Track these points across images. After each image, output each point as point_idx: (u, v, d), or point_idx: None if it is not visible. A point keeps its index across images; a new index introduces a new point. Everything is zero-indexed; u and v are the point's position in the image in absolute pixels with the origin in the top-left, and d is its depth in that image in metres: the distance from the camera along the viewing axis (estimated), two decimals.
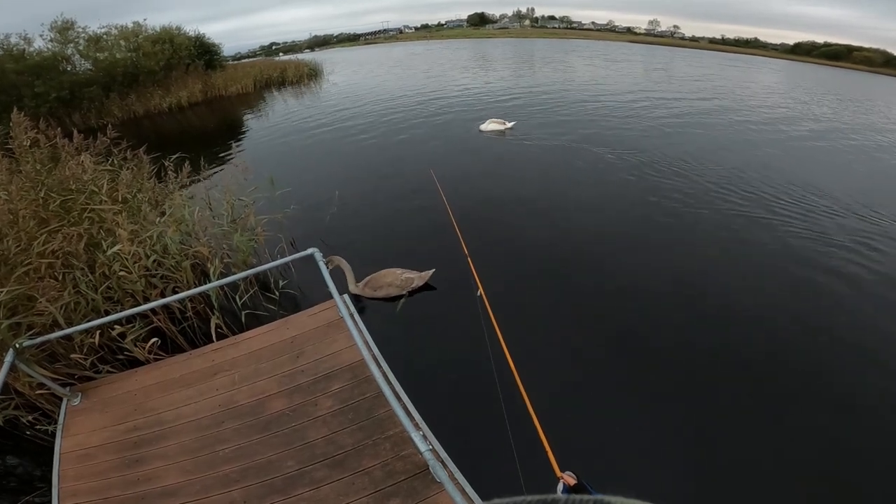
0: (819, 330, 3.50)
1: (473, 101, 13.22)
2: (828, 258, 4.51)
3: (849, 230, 5.10)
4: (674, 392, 2.92)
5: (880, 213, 5.60)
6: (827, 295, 3.96)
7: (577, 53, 32.90)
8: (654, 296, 3.91)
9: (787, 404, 2.84)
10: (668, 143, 8.38)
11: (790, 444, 2.57)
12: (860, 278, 4.19)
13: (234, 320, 3.56)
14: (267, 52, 58.94)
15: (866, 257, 4.54)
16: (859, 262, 4.45)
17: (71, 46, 15.80)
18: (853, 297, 3.93)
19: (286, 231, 4.83)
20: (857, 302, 3.86)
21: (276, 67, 22.83)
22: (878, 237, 4.96)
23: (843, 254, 4.59)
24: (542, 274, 4.34)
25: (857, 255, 4.57)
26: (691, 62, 30.12)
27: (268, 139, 10.62)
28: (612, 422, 2.71)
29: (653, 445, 2.55)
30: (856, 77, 32.23)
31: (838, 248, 4.70)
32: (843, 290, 4.02)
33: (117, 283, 3.55)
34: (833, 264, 4.40)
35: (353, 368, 2.51)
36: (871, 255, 4.58)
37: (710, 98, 14.08)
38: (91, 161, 4.94)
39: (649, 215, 5.47)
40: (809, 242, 4.82)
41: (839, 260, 4.48)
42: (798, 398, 2.90)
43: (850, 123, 11.55)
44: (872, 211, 5.64)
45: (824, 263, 4.42)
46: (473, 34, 70.96)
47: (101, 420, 2.53)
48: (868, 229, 5.15)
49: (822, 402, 2.87)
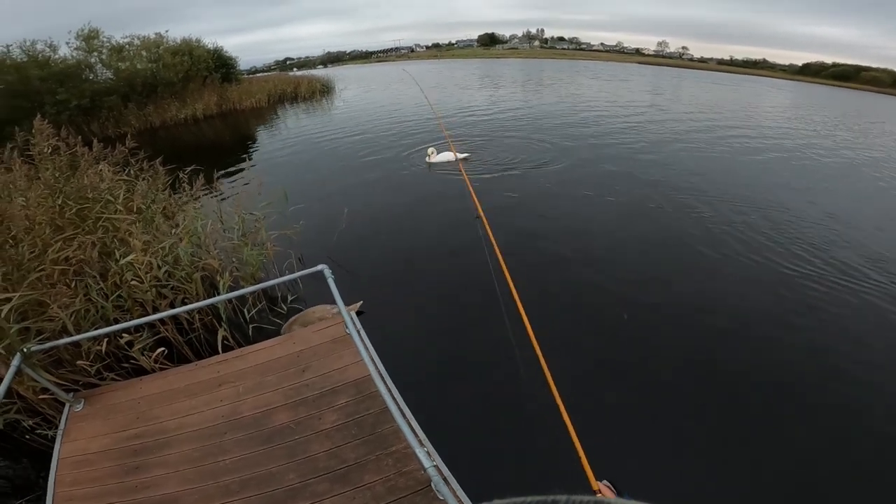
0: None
1: (486, 119, 13.64)
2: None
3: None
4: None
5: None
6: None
7: (583, 74, 34.16)
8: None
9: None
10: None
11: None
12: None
13: (241, 333, 3.74)
14: (281, 66, 61.69)
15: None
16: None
17: (95, 55, 16.80)
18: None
19: (295, 246, 5.05)
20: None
21: (290, 83, 23.88)
22: None
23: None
24: (573, 285, 4.62)
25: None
26: (701, 84, 30.83)
27: (279, 154, 11.09)
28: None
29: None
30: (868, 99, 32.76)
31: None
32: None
33: (128, 293, 3.76)
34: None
35: (359, 384, 2.64)
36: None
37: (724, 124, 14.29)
38: (110, 171, 5.26)
39: (680, 238, 5.62)
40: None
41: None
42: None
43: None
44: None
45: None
46: (483, 54, 73.85)
47: (102, 427, 2.67)
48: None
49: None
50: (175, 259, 4.10)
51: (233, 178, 8.68)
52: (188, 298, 4.02)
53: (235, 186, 7.77)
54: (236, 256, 4.56)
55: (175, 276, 4.04)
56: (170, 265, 4.01)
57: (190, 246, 4.24)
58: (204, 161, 6.66)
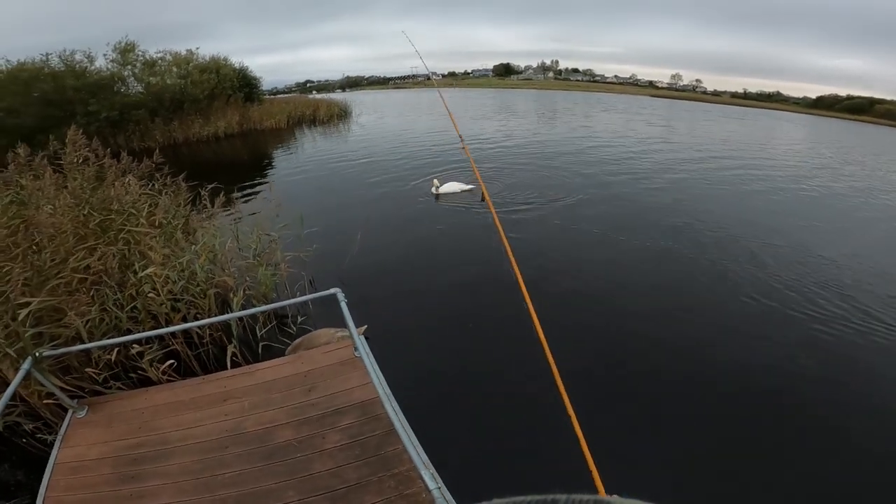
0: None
1: (499, 149, 13.97)
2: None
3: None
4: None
5: None
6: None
7: (597, 106, 35.12)
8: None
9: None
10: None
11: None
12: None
13: (250, 351, 3.83)
14: (302, 89, 63.73)
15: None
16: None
17: (129, 68, 17.56)
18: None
19: (308, 269, 5.18)
20: None
21: (309, 105, 24.62)
22: None
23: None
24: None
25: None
26: (713, 118, 31.34)
27: (296, 176, 11.44)
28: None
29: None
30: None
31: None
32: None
33: (143, 304, 3.89)
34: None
35: (364, 406, 2.70)
36: None
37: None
38: (136, 184, 5.50)
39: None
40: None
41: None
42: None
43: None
44: None
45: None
46: (498, 84, 75.98)
47: (103, 434, 2.72)
48: None
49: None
50: (191, 274, 4.24)
51: (250, 198, 8.96)
52: (200, 313, 4.14)
53: (252, 206, 8.01)
54: (250, 275, 4.69)
55: (190, 291, 4.17)
56: (186, 280, 4.15)
57: (207, 262, 4.39)
58: (224, 179, 6.92)
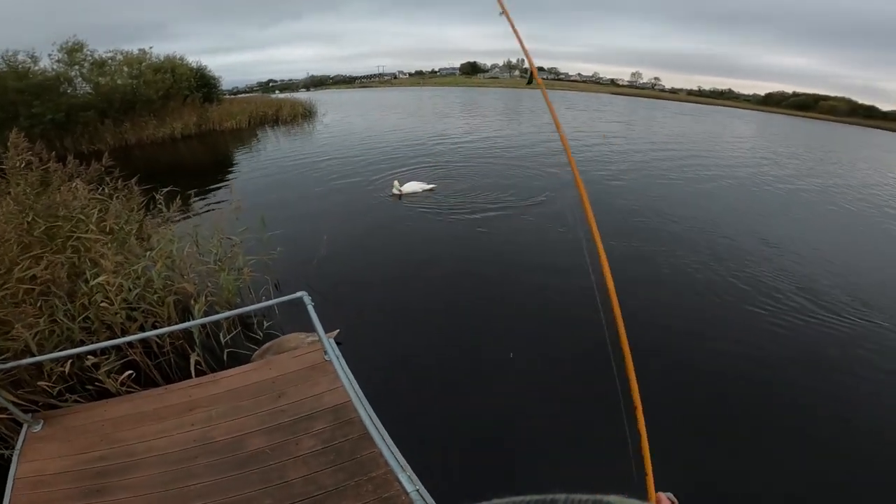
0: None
1: (463, 148, 14.14)
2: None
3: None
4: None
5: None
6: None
7: (560, 103, 35.85)
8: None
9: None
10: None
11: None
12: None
13: (215, 358, 3.74)
14: (264, 88, 61.98)
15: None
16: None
17: (76, 68, 16.71)
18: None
19: (272, 272, 5.09)
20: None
21: (272, 105, 24.09)
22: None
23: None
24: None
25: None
26: (672, 116, 32.77)
27: (258, 178, 11.18)
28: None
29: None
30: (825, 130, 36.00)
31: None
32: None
33: (96, 314, 3.73)
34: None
35: (337, 410, 2.70)
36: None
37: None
38: (84, 188, 5.24)
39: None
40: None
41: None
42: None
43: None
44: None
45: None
46: (465, 82, 76.62)
47: (62, 448, 2.64)
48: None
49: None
50: (147, 282, 4.10)
51: (210, 201, 8.69)
52: (159, 322, 4.01)
53: (213, 210, 7.79)
54: (212, 281, 4.57)
55: (147, 299, 4.03)
56: (141, 288, 4.01)
57: (164, 269, 4.25)
58: (181, 182, 6.70)
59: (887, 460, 3.20)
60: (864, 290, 5.66)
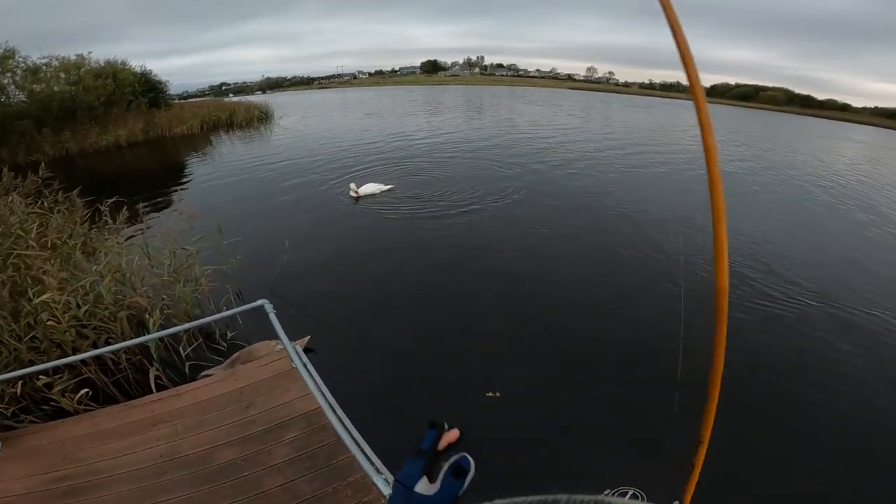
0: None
1: (433, 148, 14.21)
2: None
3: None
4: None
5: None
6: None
7: (520, 100, 36.99)
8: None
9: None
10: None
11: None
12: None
13: (177, 372, 3.63)
14: (217, 92, 59.49)
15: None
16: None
17: (8, 76, 15.78)
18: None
19: (232, 281, 4.97)
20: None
21: (226, 109, 23.40)
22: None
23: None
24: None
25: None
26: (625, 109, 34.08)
27: (213, 185, 10.83)
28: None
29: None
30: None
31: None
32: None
33: (44, 333, 3.54)
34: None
35: (309, 417, 2.71)
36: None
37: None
38: (21, 202, 4.95)
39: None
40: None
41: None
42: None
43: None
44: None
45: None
46: (426, 81, 76.71)
47: (25, 468, 2.55)
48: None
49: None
50: (97, 297, 3.94)
51: (161, 211, 8.34)
52: (113, 338, 3.86)
53: (164, 220, 7.46)
54: (167, 293, 4.43)
55: (97, 316, 3.88)
56: (90, 304, 3.85)
57: (113, 283, 4.09)
58: (128, 192, 6.43)
59: None
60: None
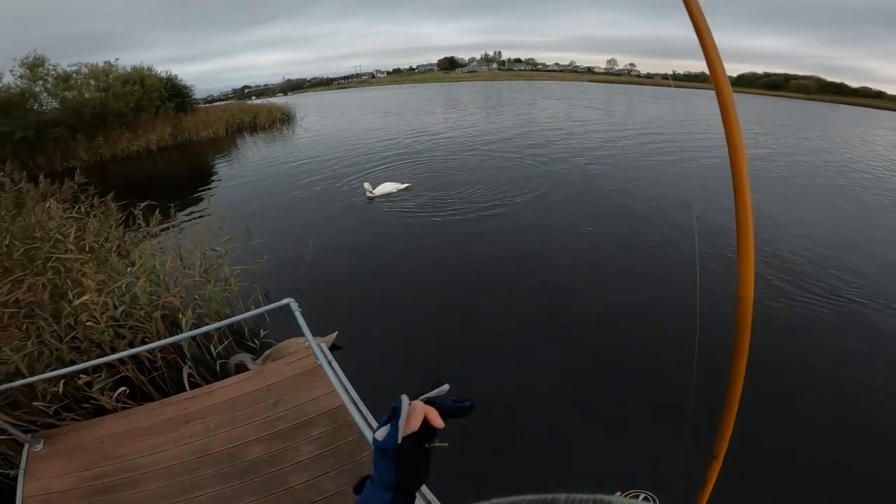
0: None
1: (451, 145, 14.19)
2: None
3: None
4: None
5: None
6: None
7: (539, 94, 36.09)
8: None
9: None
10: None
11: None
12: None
13: (208, 370, 3.75)
14: (240, 95, 61.04)
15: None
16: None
17: (39, 83, 16.39)
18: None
19: (260, 281, 5.09)
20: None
21: (249, 111, 23.89)
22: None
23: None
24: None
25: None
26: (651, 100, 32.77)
27: (239, 186, 11.11)
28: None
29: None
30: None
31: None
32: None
33: (84, 334, 3.71)
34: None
35: (334, 414, 2.75)
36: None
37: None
38: (58, 208, 5.18)
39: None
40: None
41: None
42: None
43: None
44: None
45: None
46: (444, 78, 76.31)
47: (65, 466, 2.67)
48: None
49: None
50: (133, 298, 4.09)
51: (191, 213, 8.62)
52: (148, 337, 4.00)
53: (194, 221, 7.73)
54: (198, 293, 4.57)
55: (133, 316, 4.03)
56: (127, 305, 4.01)
57: (148, 284, 4.24)
58: (159, 195, 6.65)
59: None
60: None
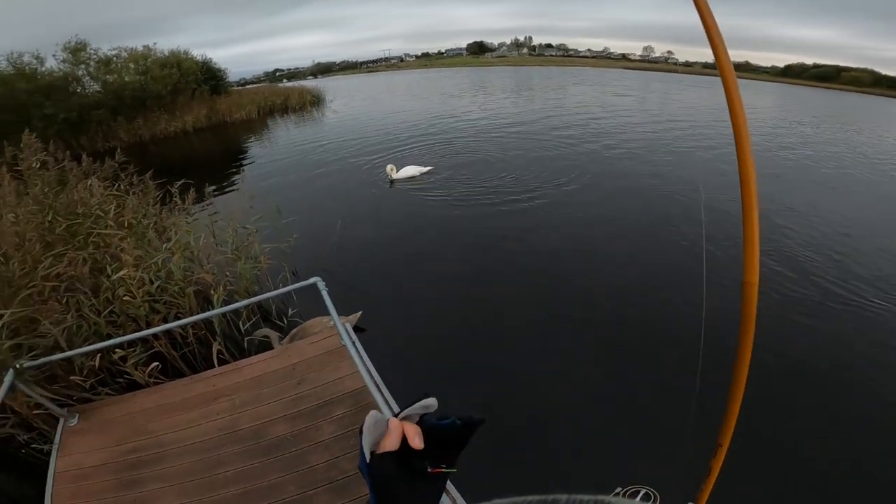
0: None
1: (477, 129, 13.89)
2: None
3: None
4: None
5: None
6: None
7: (570, 80, 34.40)
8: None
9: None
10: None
11: None
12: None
13: (236, 347, 3.80)
14: (271, 78, 61.87)
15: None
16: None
17: (82, 67, 16.99)
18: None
19: (288, 259, 5.12)
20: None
21: (280, 94, 24.17)
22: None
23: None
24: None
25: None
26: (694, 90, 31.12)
27: (270, 166, 11.26)
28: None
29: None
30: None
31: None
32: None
33: (120, 308, 3.82)
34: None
35: (356, 395, 2.72)
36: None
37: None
38: (100, 185, 5.34)
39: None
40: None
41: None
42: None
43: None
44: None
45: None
46: (473, 62, 74.59)
47: (98, 441, 2.72)
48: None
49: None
50: (168, 274, 4.18)
51: (224, 192, 8.78)
52: (181, 313, 4.09)
53: (227, 200, 7.84)
54: (230, 270, 4.63)
55: (168, 291, 4.11)
56: (162, 280, 4.09)
57: (182, 260, 4.31)
58: (195, 175, 6.77)
59: None
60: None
